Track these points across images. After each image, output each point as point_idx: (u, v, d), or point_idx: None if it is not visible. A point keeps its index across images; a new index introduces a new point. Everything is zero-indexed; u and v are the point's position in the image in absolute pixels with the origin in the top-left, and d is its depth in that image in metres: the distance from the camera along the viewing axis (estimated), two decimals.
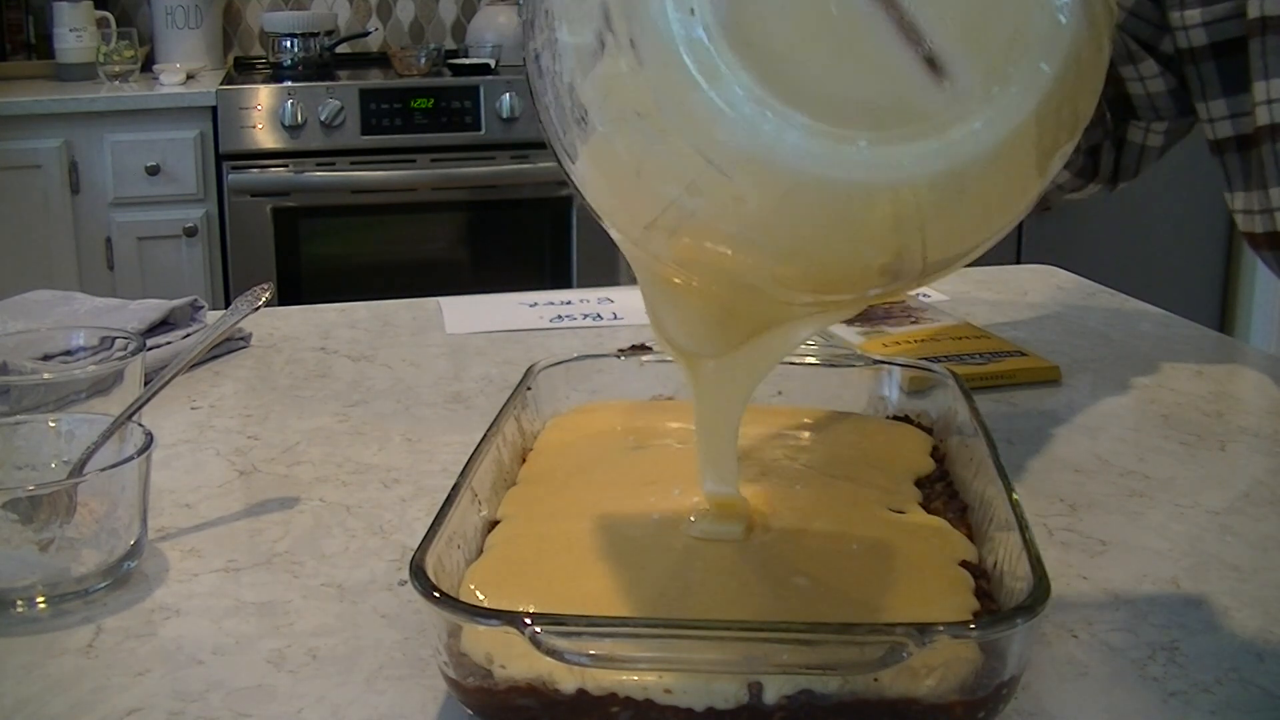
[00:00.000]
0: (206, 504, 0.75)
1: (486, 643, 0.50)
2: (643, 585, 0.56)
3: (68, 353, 0.83)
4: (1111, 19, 0.49)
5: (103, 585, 0.63)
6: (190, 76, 2.86)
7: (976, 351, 0.97)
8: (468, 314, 1.15)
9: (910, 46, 0.43)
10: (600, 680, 0.48)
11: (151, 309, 1.01)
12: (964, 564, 0.57)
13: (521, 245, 2.82)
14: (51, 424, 0.70)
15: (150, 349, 0.93)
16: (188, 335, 1.00)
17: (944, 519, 0.62)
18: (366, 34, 3.23)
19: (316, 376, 0.98)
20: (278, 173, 2.69)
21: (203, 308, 1.05)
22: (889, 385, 0.77)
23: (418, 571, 0.50)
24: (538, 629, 0.47)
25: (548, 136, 0.53)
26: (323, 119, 2.67)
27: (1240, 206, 0.87)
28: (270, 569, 0.66)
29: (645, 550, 0.58)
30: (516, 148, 2.76)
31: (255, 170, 2.68)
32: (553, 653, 0.47)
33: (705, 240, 0.49)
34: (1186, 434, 0.85)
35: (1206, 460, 0.81)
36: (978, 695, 0.48)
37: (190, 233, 2.69)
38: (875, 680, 0.48)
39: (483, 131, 2.75)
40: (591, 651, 0.48)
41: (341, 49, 3.10)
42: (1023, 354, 0.97)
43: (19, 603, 0.62)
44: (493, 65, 2.89)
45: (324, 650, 0.58)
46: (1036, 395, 0.93)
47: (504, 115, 2.74)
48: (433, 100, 2.74)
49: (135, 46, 2.92)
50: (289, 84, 2.72)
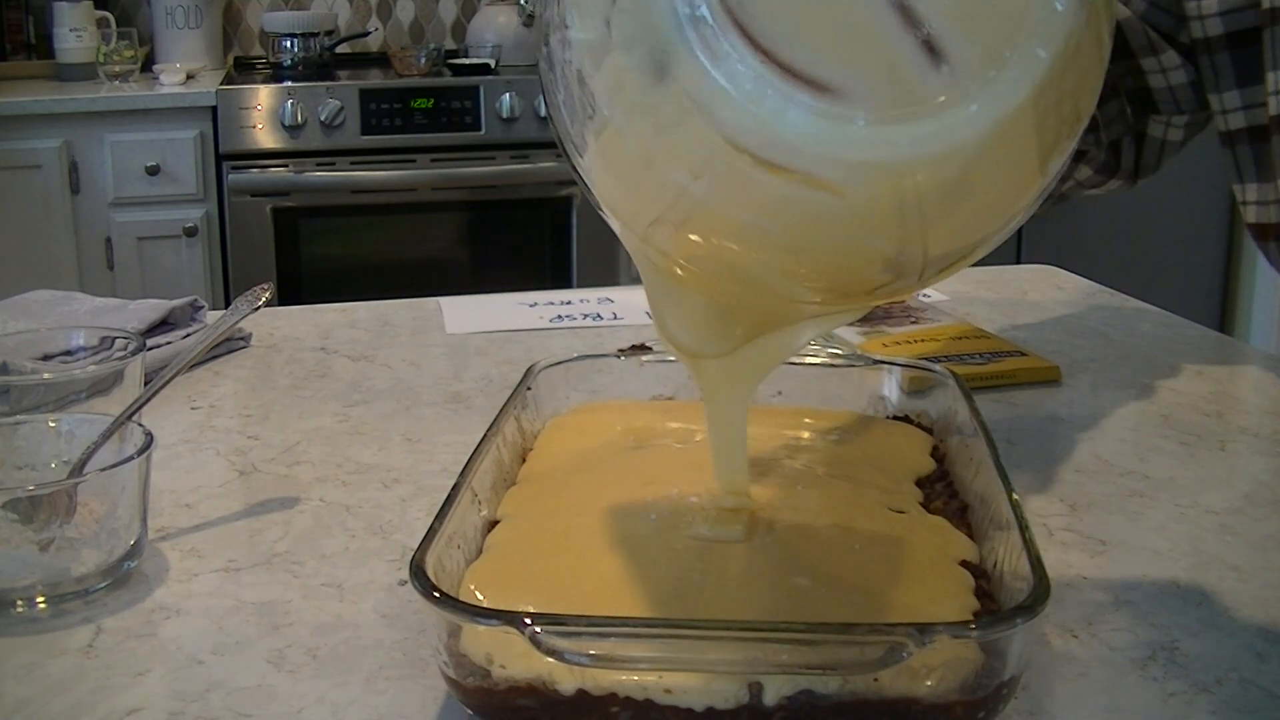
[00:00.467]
0: (206, 504, 0.75)
1: (486, 643, 0.50)
2: (643, 585, 0.56)
3: (68, 353, 0.83)
4: (1111, 15, 0.49)
5: (103, 585, 0.63)
6: (190, 76, 2.86)
7: (976, 351, 0.97)
8: (468, 314, 1.15)
9: (909, 29, 0.44)
10: (600, 680, 0.48)
11: (151, 309, 1.01)
12: (964, 564, 0.57)
13: (521, 245, 2.82)
14: (51, 424, 0.70)
15: (150, 349, 0.93)
16: (188, 335, 1.00)
17: (944, 519, 0.62)
18: (366, 34, 3.23)
19: (316, 376, 0.98)
20: (278, 173, 2.69)
21: (203, 308, 1.05)
22: (889, 385, 0.77)
23: (418, 571, 0.50)
24: (538, 629, 0.47)
25: (557, 133, 0.53)
26: (323, 119, 2.67)
27: (1252, 198, 0.87)
28: (270, 569, 0.66)
29: (645, 550, 0.58)
30: (516, 148, 2.76)
31: (255, 170, 2.68)
32: (553, 653, 0.47)
33: (713, 232, 0.49)
34: (1186, 434, 0.85)
35: (1206, 460, 0.81)
36: (978, 695, 0.48)
37: (190, 233, 2.70)
38: (875, 680, 0.48)
39: (483, 131, 2.75)
40: (591, 651, 0.48)
41: (341, 49, 3.10)
42: (1023, 354, 0.97)
43: (19, 603, 0.62)
44: (493, 65, 2.89)
45: (324, 650, 0.58)
46: (1036, 395, 0.93)
47: (504, 115, 2.74)
48: (433, 100, 2.74)
49: (135, 46, 2.92)
50: (289, 84, 2.72)
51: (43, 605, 0.62)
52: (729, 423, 0.61)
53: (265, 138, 2.67)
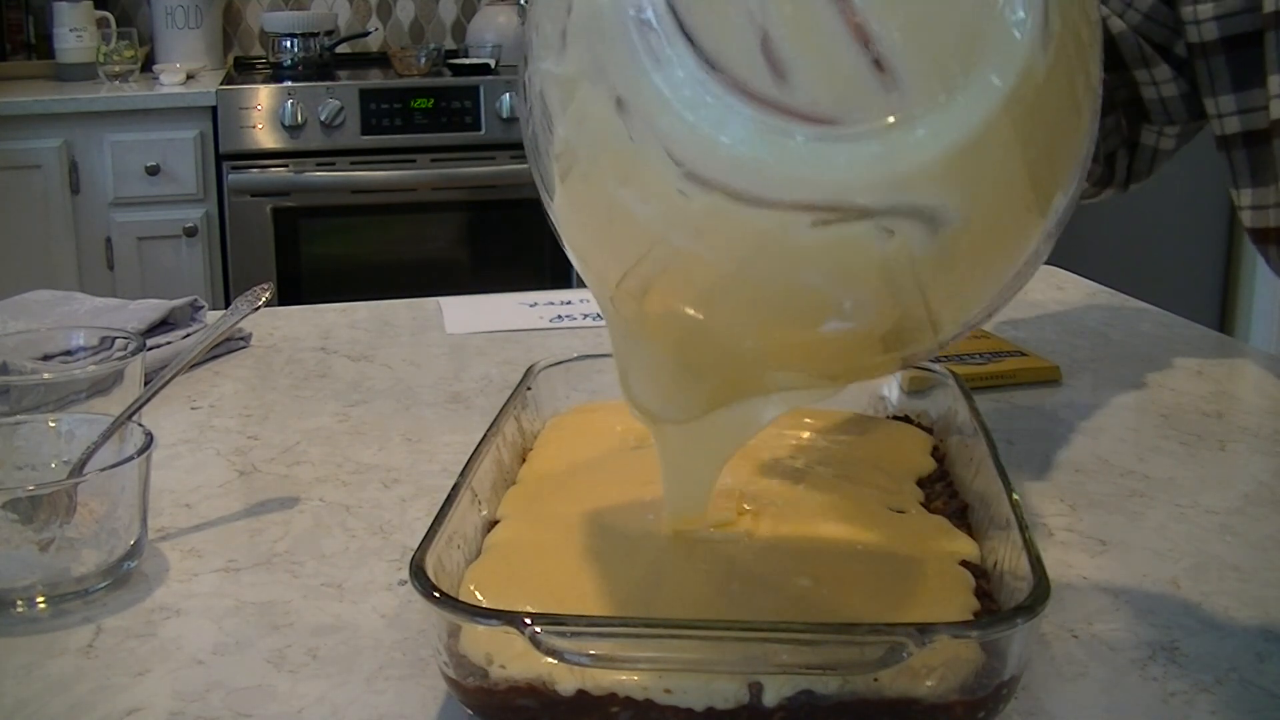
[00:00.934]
0: (206, 504, 0.75)
1: (486, 643, 0.50)
2: (643, 585, 0.56)
3: (68, 353, 0.83)
4: (1090, 68, 0.47)
5: (103, 585, 0.63)
6: (190, 76, 2.86)
7: (976, 351, 0.97)
8: (468, 314, 1.15)
9: (860, 47, 0.43)
10: (600, 680, 0.48)
11: (151, 309, 1.01)
12: (965, 564, 0.57)
13: (521, 245, 2.81)
14: (51, 424, 0.70)
15: (150, 349, 0.93)
16: (188, 335, 1.00)
17: (945, 519, 0.62)
18: (366, 34, 3.23)
19: (316, 376, 0.98)
20: (278, 173, 2.69)
21: (203, 308, 1.05)
22: (889, 385, 0.77)
23: (418, 571, 0.50)
24: (537, 629, 0.47)
25: (535, 174, 0.52)
26: (323, 119, 2.67)
27: (1250, 203, 0.87)
28: (270, 569, 0.66)
29: (645, 550, 0.58)
30: (516, 148, 2.75)
31: (255, 170, 2.68)
32: (553, 653, 0.47)
33: (684, 282, 0.48)
34: (1186, 434, 0.85)
35: (1206, 460, 0.81)
36: (978, 695, 0.48)
37: (190, 233, 2.69)
38: (875, 680, 0.48)
39: (483, 131, 2.75)
40: (591, 651, 0.48)
41: (341, 49, 3.10)
42: (1023, 354, 0.97)
43: (19, 603, 0.62)
44: (493, 65, 2.89)
45: (324, 650, 0.58)
46: (1036, 395, 0.93)
47: (504, 115, 2.74)
48: (433, 100, 2.74)
49: (135, 46, 2.92)
50: (289, 84, 2.72)
51: (43, 605, 0.62)
52: (686, 497, 0.59)
53: (265, 138, 2.67)
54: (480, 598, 0.54)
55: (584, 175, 0.48)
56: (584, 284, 0.55)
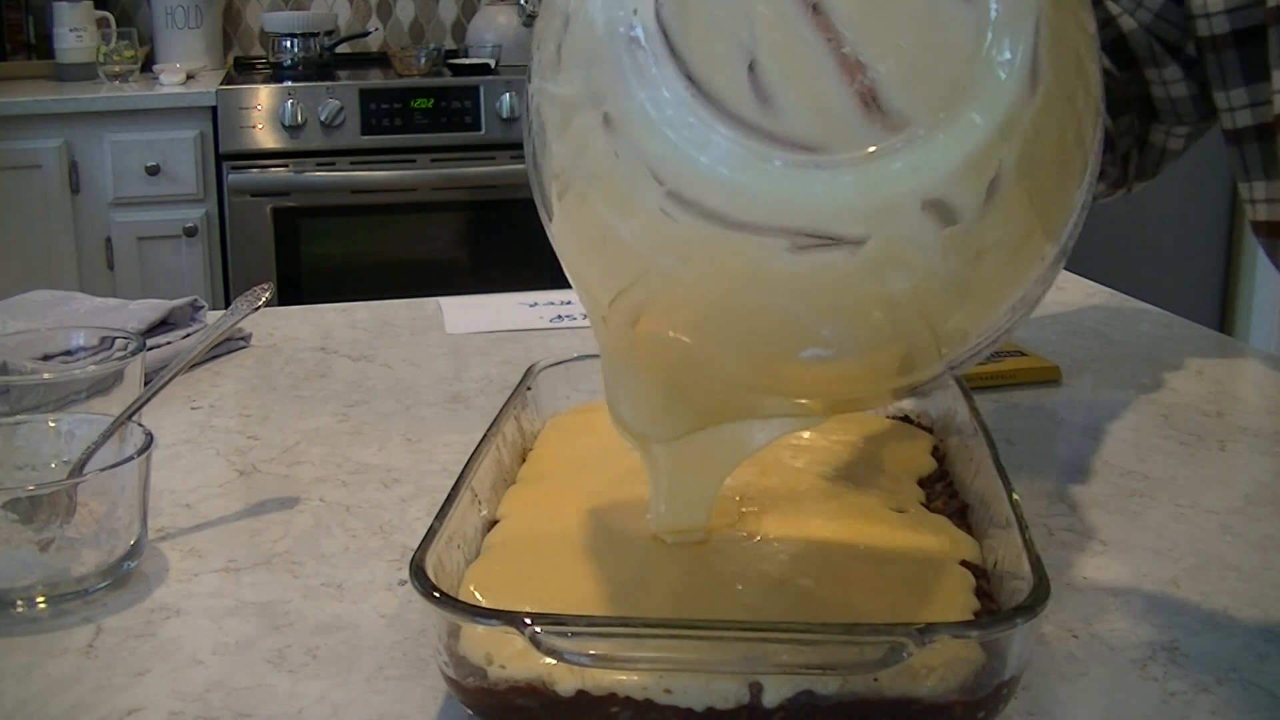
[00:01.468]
0: (206, 504, 0.75)
1: (486, 643, 0.50)
2: (642, 585, 0.56)
3: (68, 353, 0.83)
4: (1086, 121, 0.47)
5: (103, 585, 0.63)
6: (190, 76, 2.86)
7: None
8: (468, 314, 1.15)
9: (846, 78, 0.43)
10: (600, 680, 0.48)
11: (151, 309, 1.01)
12: (965, 563, 0.57)
13: (521, 245, 2.81)
14: (51, 424, 0.70)
15: (150, 349, 0.93)
16: (188, 335, 1.00)
17: (945, 518, 0.62)
18: (366, 34, 3.22)
19: (316, 376, 0.98)
20: (278, 173, 2.69)
21: (203, 308, 1.05)
22: None
23: (418, 571, 0.50)
24: (537, 629, 0.47)
25: (535, 193, 0.52)
26: (323, 119, 2.67)
27: (1260, 196, 0.86)
28: (270, 569, 0.66)
29: (645, 550, 0.58)
30: (516, 148, 2.73)
31: (255, 170, 2.68)
32: (552, 653, 0.47)
33: (671, 308, 0.48)
34: (1186, 434, 0.85)
35: (1206, 460, 0.81)
36: (978, 695, 0.48)
37: (190, 233, 2.69)
38: (875, 680, 0.48)
39: (483, 131, 2.75)
40: (591, 651, 0.48)
41: (341, 49, 3.10)
42: (1023, 354, 0.97)
43: (19, 603, 0.62)
44: (493, 65, 2.89)
45: (324, 650, 0.58)
46: (1036, 395, 0.93)
47: (504, 115, 2.74)
48: (433, 100, 2.73)
49: (135, 46, 2.92)
50: (289, 84, 2.72)
51: (43, 605, 0.62)
52: (683, 512, 0.59)
53: (265, 138, 2.67)
54: (480, 598, 0.54)
55: (580, 196, 0.48)
56: None
